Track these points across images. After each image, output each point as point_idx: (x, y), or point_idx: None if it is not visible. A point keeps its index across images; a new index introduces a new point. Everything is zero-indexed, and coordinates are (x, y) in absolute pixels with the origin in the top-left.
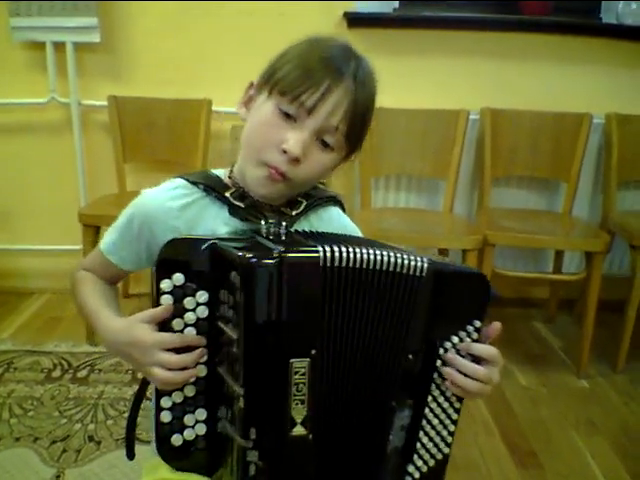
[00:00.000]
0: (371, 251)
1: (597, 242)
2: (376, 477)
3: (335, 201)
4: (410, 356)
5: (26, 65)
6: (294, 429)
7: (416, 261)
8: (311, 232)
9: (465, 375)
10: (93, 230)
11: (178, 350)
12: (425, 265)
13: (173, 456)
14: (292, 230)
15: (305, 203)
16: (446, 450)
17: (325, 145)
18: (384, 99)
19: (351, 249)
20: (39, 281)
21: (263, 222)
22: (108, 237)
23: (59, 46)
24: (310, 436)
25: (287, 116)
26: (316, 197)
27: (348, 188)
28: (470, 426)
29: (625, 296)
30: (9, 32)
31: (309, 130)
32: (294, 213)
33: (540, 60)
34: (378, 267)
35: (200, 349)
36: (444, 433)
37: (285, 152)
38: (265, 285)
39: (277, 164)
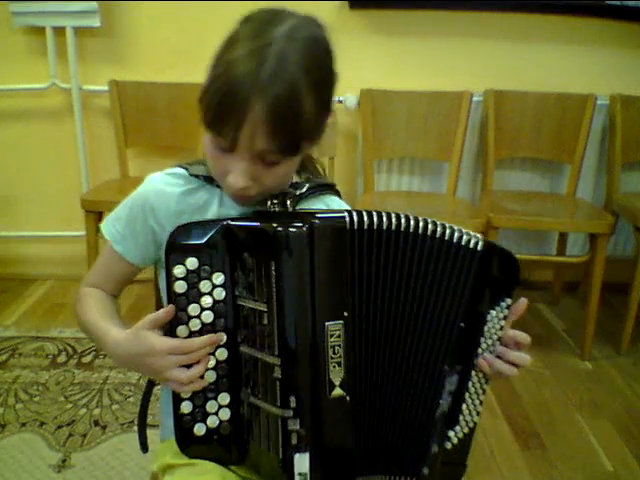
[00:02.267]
0: (405, 217)
1: (601, 224)
2: (426, 440)
3: (333, 190)
4: (462, 324)
5: (26, 50)
6: (333, 392)
7: (470, 236)
8: (316, 209)
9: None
10: (95, 216)
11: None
12: (480, 242)
13: (195, 447)
14: (298, 209)
15: (307, 185)
16: (476, 418)
17: (270, 162)
18: (388, 81)
19: (379, 215)
20: (42, 267)
21: (269, 202)
22: (114, 227)
23: (59, 31)
24: (347, 398)
25: (222, 148)
26: (317, 182)
27: (351, 171)
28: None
29: (629, 278)
30: (9, 17)
31: (244, 159)
32: (297, 193)
33: (544, 41)
34: (421, 232)
35: (209, 347)
36: (477, 402)
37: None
38: (295, 251)
39: (233, 192)
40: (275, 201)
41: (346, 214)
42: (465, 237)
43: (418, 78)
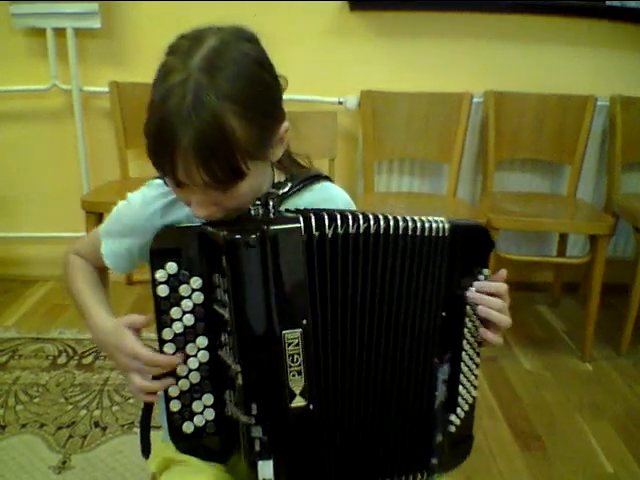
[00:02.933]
0: (378, 217)
1: (601, 225)
2: (429, 434)
3: (321, 177)
4: (444, 313)
5: (27, 52)
6: (294, 400)
7: (437, 223)
8: (300, 209)
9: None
10: (96, 217)
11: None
12: (447, 225)
13: (186, 444)
14: (281, 210)
15: (290, 185)
16: (474, 393)
17: (222, 188)
18: (388, 82)
19: (343, 217)
20: (42, 269)
21: (251, 205)
22: (107, 242)
23: (60, 32)
24: (310, 406)
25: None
26: (300, 179)
27: (351, 172)
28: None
29: (629, 279)
30: (10, 18)
31: (196, 193)
32: (280, 192)
33: (544, 42)
34: (394, 231)
35: (178, 356)
36: (472, 378)
37: None
38: (249, 260)
39: (203, 218)
40: (258, 203)
41: (301, 219)
42: (433, 225)
43: (418, 79)
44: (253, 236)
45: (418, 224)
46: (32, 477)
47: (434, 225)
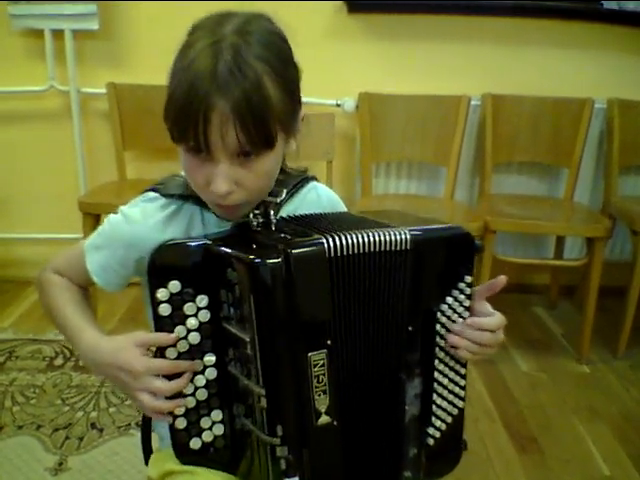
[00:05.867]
0: (362, 234)
1: (598, 228)
2: (399, 448)
3: (309, 178)
4: (410, 328)
5: (25, 53)
6: (320, 419)
7: (400, 234)
8: (297, 217)
9: (472, 342)
10: (93, 218)
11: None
12: (408, 237)
13: (193, 458)
14: (279, 218)
15: (285, 190)
16: (460, 404)
17: (248, 156)
18: (385, 84)
19: (349, 235)
20: (39, 270)
21: (251, 215)
22: (94, 256)
23: (58, 33)
24: (335, 423)
25: (198, 151)
26: (292, 183)
27: (349, 175)
28: (471, 412)
29: (626, 282)
30: (7, 20)
31: (222, 161)
32: (279, 200)
33: (541, 45)
34: (371, 249)
35: (187, 374)
36: (456, 390)
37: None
38: (273, 284)
39: (218, 202)
40: (257, 212)
41: (324, 240)
42: (394, 238)
43: (416, 82)
44: (278, 260)
45: (379, 238)
46: (28, 478)
47: (395, 238)
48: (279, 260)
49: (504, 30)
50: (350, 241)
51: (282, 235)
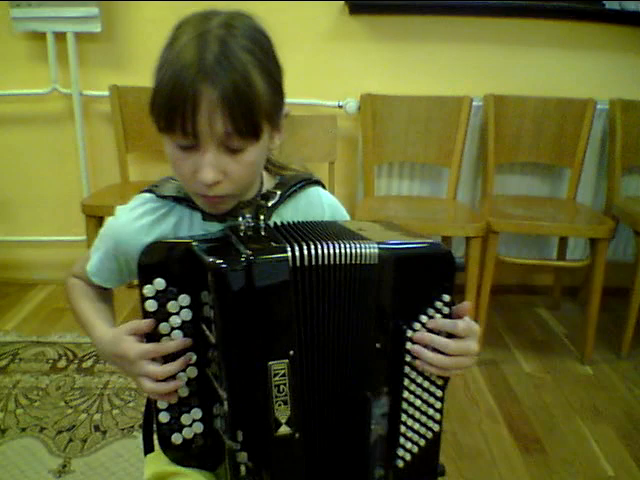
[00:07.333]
0: (330, 245)
1: (601, 228)
2: (364, 466)
3: (310, 182)
4: (378, 345)
5: (27, 56)
6: (279, 429)
7: (367, 248)
8: (285, 224)
9: (438, 351)
10: (96, 221)
11: (166, 357)
12: (375, 252)
13: (176, 453)
14: (269, 224)
15: (279, 193)
16: (436, 427)
17: (235, 150)
18: (388, 85)
19: (318, 245)
20: (43, 272)
21: (241, 218)
22: (92, 258)
23: (60, 36)
24: (296, 435)
25: (185, 147)
26: (289, 185)
27: (351, 176)
28: (474, 413)
29: (629, 282)
30: (10, 23)
31: (209, 151)
32: (270, 204)
33: (543, 46)
34: (337, 261)
35: (185, 355)
36: (430, 412)
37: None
38: (235, 290)
39: (204, 192)
40: (248, 216)
41: (289, 248)
42: (362, 251)
43: (418, 83)
44: (240, 265)
45: (345, 250)
46: None
47: (361, 251)
48: (241, 267)
49: (506, 31)
50: (315, 252)
51: (259, 241)
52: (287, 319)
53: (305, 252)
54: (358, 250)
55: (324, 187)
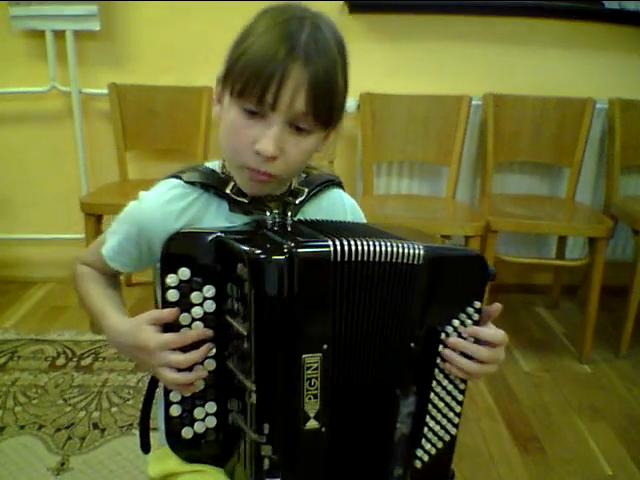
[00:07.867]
0: (372, 242)
1: (600, 227)
2: (385, 465)
3: (334, 183)
4: (412, 344)
5: (26, 54)
6: (307, 423)
7: (413, 249)
8: (314, 221)
9: (467, 357)
10: (95, 219)
11: (185, 348)
12: (421, 252)
13: (184, 448)
14: (297, 220)
15: (307, 190)
16: (453, 431)
17: (300, 130)
18: (387, 84)
19: (358, 242)
20: (42, 270)
21: (268, 213)
22: (109, 242)
23: (59, 34)
24: (323, 429)
25: (253, 114)
26: (315, 183)
27: (350, 175)
28: (473, 412)
29: (628, 281)
30: (9, 21)
31: (277, 124)
32: (297, 202)
33: (543, 45)
34: (380, 258)
35: (207, 344)
36: (450, 415)
37: (259, 153)
38: (275, 281)
39: (256, 166)
40: (275, 211)
41: (330, 243)
42: (407, 251)
43: (417, 82)
44: (282, 256)
45: (390, 248)
46: (30, 479)
47: (407, 251)
48: (283, 258)
49: (505, 30)
50: (359, 248)
51: (293, 235)
52: (323, 313)
53: (346, 248)
54: (403, 250)
55: (344, 189)
